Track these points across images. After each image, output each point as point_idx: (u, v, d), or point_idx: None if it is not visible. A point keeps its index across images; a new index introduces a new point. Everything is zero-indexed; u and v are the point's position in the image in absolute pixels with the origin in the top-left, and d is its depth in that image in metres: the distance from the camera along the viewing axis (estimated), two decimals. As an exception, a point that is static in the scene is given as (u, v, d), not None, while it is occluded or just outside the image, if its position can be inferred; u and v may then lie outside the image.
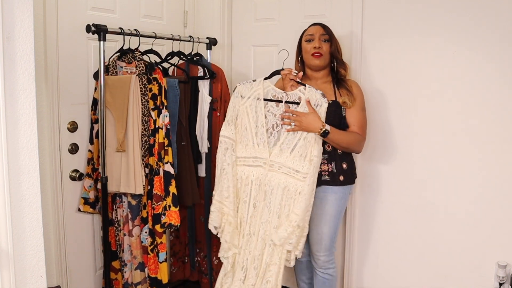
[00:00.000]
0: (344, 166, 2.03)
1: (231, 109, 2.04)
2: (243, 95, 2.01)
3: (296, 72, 1.98)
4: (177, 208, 2.06)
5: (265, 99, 1.98)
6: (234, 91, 2.05)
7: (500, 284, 1.96)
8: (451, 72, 2.03)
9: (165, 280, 2.12)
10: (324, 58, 2.03)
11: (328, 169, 2.00)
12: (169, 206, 2.05)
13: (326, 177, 2.00)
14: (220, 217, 2.03)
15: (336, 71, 2.08)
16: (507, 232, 1.95)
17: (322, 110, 1.89)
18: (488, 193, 1.99)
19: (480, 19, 1.93)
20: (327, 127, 1.87)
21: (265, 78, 2.02)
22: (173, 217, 2.04)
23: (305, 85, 1.93)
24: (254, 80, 2.03)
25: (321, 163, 1.96)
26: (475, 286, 2.05)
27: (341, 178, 2.01)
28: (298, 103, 1.92)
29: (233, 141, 2.02)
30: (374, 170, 2.28)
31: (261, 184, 1.97)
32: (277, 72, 2.02)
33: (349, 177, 2.06)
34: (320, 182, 1.98)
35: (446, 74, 2.04)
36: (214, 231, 2.07)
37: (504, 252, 1.96)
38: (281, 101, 1.96)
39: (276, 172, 1.94)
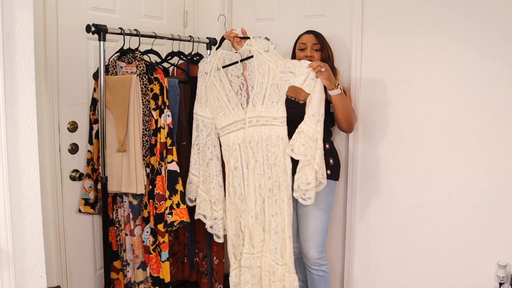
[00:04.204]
0: (331, 161, 2.10)
1: (199, 87, 2.11)
2: (206, 72, 2.09)
3: (236, 30, 2.03)
4: (185, 205, 2.08)
5: (224, 66, 2.04)
6: (199, 70, 2.12)
7: (500, 284, 1.96)
8: (452, 72, 2.02)
9: (167, 279, 2.13)
10: None
11: None
12: (178, 204, 2.06)
13: None
14: (195, 188, 2.15)
15: None
16: (507, 232, 1.95)
17: (273, 53, 1.93)
18: (488, 193, 1.99)
19: (481, 19, 1.93)
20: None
21: (217, 48, 2.09)
22: (183, 214, 2.06)
23: (249, 38, 1.99)
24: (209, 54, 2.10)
25: None
26: (475, 286, 2.05)
27: (328, 172, 2.07)
28: (251, 56, 1.98)
29: (203, 118, 2.10)
30: (374, 170, 2.28)
31: (246, 143, 2.01)
32: (223, 38, 2.09)
33: (335, 172, 2.12)
34: None
35: (447, 74, 2.04)
36: (190, 204, 2.16)
37: (504, 252, 1.97)
38: (237, 62, 2.02)
39: (256, 125, 1.99)
